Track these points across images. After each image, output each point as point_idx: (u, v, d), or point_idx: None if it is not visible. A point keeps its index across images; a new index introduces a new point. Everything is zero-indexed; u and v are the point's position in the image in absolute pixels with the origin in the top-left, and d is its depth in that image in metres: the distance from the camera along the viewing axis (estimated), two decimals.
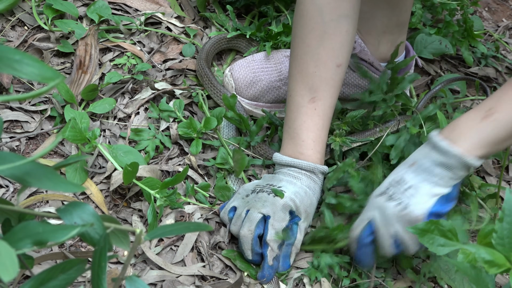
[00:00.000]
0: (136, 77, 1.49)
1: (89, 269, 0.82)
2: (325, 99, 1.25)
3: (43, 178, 0.74)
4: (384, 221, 1.16)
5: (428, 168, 1.14)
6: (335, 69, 1.23)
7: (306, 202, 1.24)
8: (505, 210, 0.81)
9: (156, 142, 1.39)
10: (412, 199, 1.14)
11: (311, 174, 1.26)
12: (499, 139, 1.11)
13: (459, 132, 1.12)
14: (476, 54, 1.77)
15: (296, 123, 1.27)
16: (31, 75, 0.63)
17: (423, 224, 1.02)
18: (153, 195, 1.25)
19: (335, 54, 1.22)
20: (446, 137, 1.13)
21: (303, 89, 1.25)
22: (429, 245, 1.01)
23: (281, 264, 1.22)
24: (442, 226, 1.00)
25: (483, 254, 0.81)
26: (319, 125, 1.26)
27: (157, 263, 1.21)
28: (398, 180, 1.17)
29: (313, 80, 1.24)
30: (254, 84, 1.47)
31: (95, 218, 0.81)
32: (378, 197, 1.18)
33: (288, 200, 1.22)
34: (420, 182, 1.14)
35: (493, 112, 1.10)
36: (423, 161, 1.15)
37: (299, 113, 1.26)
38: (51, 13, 1.54)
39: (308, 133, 1.25)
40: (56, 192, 1.28)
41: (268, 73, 1.48)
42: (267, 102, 1.49)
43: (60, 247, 1.20)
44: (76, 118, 1.32)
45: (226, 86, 1.49)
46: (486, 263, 0.80)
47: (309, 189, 1.26)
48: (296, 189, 1.24)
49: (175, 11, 1.69)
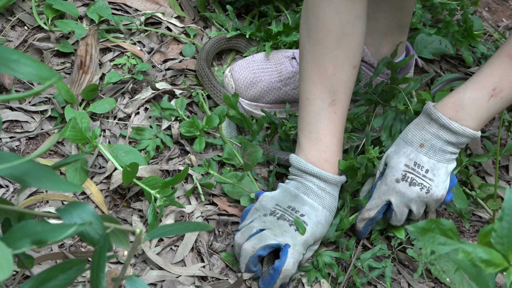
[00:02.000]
0: (136, 77, 1.49)
1: (89, 269, 0.82)
2: (343, 101, 1.23)
3: (42, 178, 0.74)
4: (403, 203, 1.24)
5: (441, 148, 1.22)
6: (352, 70, 1.22)
7: (325, 229, 1.23)
8: (505, 209, 0.81)
9: (157, 142, 1.39)
10: (433, 182, 1.22)
11: (334, 187, 1.24)
12: (499, 112, 1.23)
13: (468, 113, 1.19)
14: (476, 54, 1.77)
15: (318, 127, 1.23)
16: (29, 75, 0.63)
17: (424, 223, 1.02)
18: (153, 195, 1.25)
19: (352, 55, 1.21)
20: (453, 117, 1.20)
21: (323, 91, 1.22)
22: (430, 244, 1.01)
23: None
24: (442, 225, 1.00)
25: (481, 253, 0.81)
26: (340, 129, 1.24)
27: (157, 263, 1.21)
28: (413, 165, 1.23)
29: (333, 82, 1.21)
30: (254, 85, 1.47)
31: (95, 218, 0.81)
32: (397, 183, 1.23)
33: (309, 236, 1.20)
34: (436, 163, 1.22)
35: (499, 91, 1.17)
36: (434, 141, 1.22)
37: (320, 116, 1.22)
38: (51, 13, 1.54)
39: (332, 139, 1.23)
40: (56, 192, 1.28)
41: (268, 74, 1.48)
42: (267, 102, 1.49)
43: (60, 247, 1.20)
44: (76, 118, 1.32)
45: (226, 86, 1.49)
46: (483, 262, 0.80)
47: (330, 211, 1.24)
48: (318, 218, 1.21)
49: (175, 11, 1.69)
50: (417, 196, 1.23)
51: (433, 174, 1.22)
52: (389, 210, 1.27)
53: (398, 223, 1.28)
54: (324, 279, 1.24)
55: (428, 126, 1.23)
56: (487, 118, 1.20)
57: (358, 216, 1.28)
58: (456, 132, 1.20)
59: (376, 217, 1.27)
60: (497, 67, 1.18)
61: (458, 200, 1.33)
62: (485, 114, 1.19)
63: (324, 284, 1.23)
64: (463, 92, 1.20)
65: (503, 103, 1.19)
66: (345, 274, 1.25)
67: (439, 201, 1.24)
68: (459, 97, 1.20)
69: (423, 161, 1.22)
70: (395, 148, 1.27)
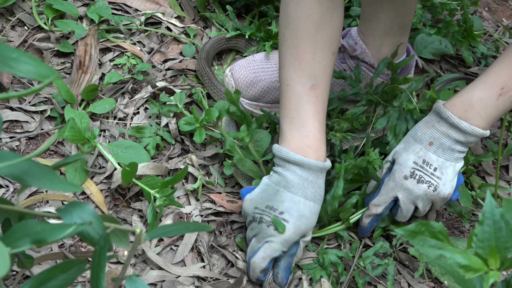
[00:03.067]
0: (136, 77, 1.49)
1: (89, 269, 0.82)
2: (324, 86, 1.23)
3: (41, 178, 0.74)
4: (410, 200, 1.25)
5: (450, 147, 1.23)
6: (331, 56, 1.23)
7: (310, 221, 1.21)
8: (485, 213, 0.80)
9: (157, 140, 1.39)
10: (441, 180, 1.23)
11: (319, 174, 1.22)
12: (507, 111, 1.23)
13: (477, 112, 1.20)
14: (476, 54, 1.77)
15: (300, 113, 1.22)
16: (28, 73, 0.63)
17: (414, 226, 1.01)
18: (152, 195, 1.25)
19: (331, 41, 1.22)
20: (462, 116, 1.21)
21: (303, 76, 1.22)
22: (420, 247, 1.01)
23: (283, 276, 1.21)
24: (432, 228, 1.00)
25: (459, 258, 0.80)
26: (322, 114, 1.23)
27: (157, 263, 1.21)
28: (422, 162, 1.24)
29: (312, 67, 1.21)
30: (255, 85, 1.47)
31: (95, 218, 0.81)
32: (405, 180, 1.24)
33: (291, 234, 1.19)
34: (444, 162, 1.23)
35: (507, 90, 1.18)
36: (443, 140, 1.23)
37: (302, 101, 1.22)
38: (51, 13, 1.54)
39: (314, 123, 1.22)
40: (56, 192, 1.28)
41: (269, 73, 1.48)
42: (267, 102, 1.49)
43: (60, 247, 1.20)
44: (75, 118, 1.32)
45: (227, 86, 1.49)
46: (462, 267, 0.79)
47: (314, 201, 1.21)
48: (300, 212, 1.19)
49: (175, 11, 1.69)
50: (424, 193, 1.24)
51: (441, 173, 1.23)
52: (395, 206, 1.28)
53: (403, 219, 1.29)
54: (325, 279, 1.24)
55: (437, 124, 1.24)
56: (495, 117, 1.21)
57: (364, 212, 1.29)
58: (465, 131, 1.21)
59: (383, 213, 1.28)
60: (505, 66, 1.19)
61: (463, 199, 1.33)
62: (493, 113, 1.20)
63: (325, 284, 1.23)
64: (472, 91, 1.21)
65: (511, 102, 1.20)
66: (347, 274, 1.25)
67: (446, 200, 1.25)
68: (468, 97, 1.21)
69: (432, 159, 1.23)
70: (404, 145, 1.27)
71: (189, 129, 1.37)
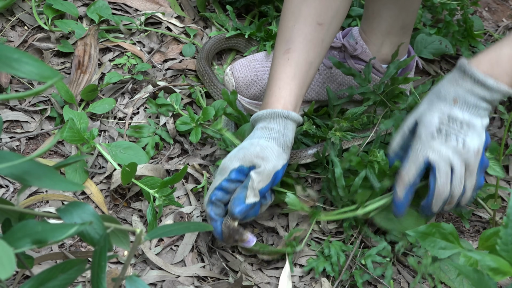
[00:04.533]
0: (136, 77, 1.49)
1: (89, 269, 0.82)
2: (300, 51, 1.23)
3: (42, 177, 0.74)
4: (443, 160, 1.18)
5: (475, 104, 1.18)
6: (316, 26, 1.23)
7: (253, 151, 1.19)
8: (509, 215, 0.80)
9: (156, 139, 1.39)
10: (469, 135, 1.19)
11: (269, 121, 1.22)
12: None
13: (504, 69, 1.17)
14: (476, 54, 1.77)
15: (270, 77, 1.25)
16: (30, 74, 0.63)
17: (425, 228, 1.01)
18: (152, 195, 1.25)
19: (318, 12, 1.22)
20: (489, 73, 1.17)
21: (280, 43, 1.25)
22: (431, 248, 1.01)
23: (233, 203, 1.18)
24: (443, 229, 1.00)
25: (488, 261, 0.80)
26: (290, 74, 1.23)
27: (157, 263, 1.21)
28: (448, 119, 1.20)
29: (291, 34, 1.23)
30: (255, 84, 1.47)
31: (95, 218, 0.81)
32: (433, 139, 1.19)
33: (226, 160, 1.20)
34: (471, 117, 1.19)
35: None
36: (467, 96, 1.19)
37: (273, 65, 1.25)
38: (51, 13, 1.54)
39: (276, 82, 1.23)
40: (56, 192, 1.28)
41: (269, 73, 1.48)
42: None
43: (60, 247, 1.20)
44: (74, 118, 1.32)
45: (227, 85, 1.49)
46: (491, 270, 0.79)
47: (260, 137, 1.21)
48: (242, 145, 1.22)
49: (175, 11, 1.69)
50: (454, 150, 1.19)
51: (468, 127, 1.20)
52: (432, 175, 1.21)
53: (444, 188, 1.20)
54: (325, 278, 1.24)
55: (462, 81, 1.20)
56: None
57: (397, 183, 1.23)
58: (491, 88, 1.17)
59: (416, 181, 1.21)
60: None
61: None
62: None
63: (325, 284, 1.23)
64: (499, 49, 1.19)
65: None
66: (348, 272, 1.25)
67: (478, 155, 1.19)
68: (495, 54, 1.19)
69: (458, 115, 1.20)
70: (427, 105, 1.23)
71: (185, 129, 1.38)
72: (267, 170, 1.18)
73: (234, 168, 1.18)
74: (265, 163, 1.18)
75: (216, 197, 1.19)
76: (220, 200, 1.19)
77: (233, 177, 1.18)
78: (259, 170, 1.18)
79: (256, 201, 1.18)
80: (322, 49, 1.26)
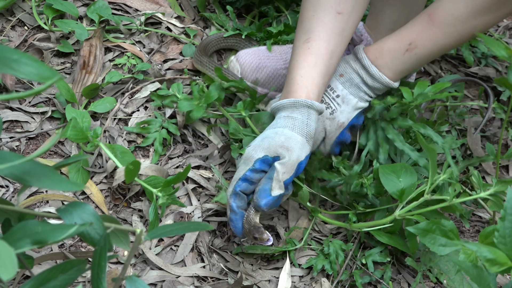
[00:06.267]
0: (137, 77, 1.49)
1: (89, 269, 0.82)
2: (320, 39, 1.24)
3: (42, 177, 0.74)
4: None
5: (357, 85, 1.29)
6: (335, 15, 1.24)
7: (278, 141, 1.19)
8: (507, 208, 0.81)
9: (163, 134, 1.39)
10: (340, 107, 1.29)
11: (292, 110, 1.22)
12: (414, 69, 1.29)
13: (385, 62, 1.26)
14: (476, 54, 1.77)
15: (290, 66, 1.26)
16: (30, 74, 0.63)
17: (425, 224, 1.01)
18: (155, 194, 1.24)
19: (337, 1, 1.24)
20: (373, 62, 1.27)
21: (300, 33, 1.26)
22: (431, 245, 1.01)
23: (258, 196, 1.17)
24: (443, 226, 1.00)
25: (485, 252, 0.81)
26: (311, 62, 1.24)
27: (157, 264, 1.21)
28: (328, 88, 1.30)
29: (310, 23, 1.25)
30: (260, 70, 1.47)
31: (95, 218, 0.81)
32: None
33: (250, 150, 1.20)
34: (348, 94, 1.29)
35: (414, 47, 1.23)
36: (352, 76, 1.29)
37: (294, 54, 1.26)
38: (51, 13, 1.54)
39: (297, 70, 1.24)
40: (56, 192, 1.28)
41: (274, 61, 1.48)
42: (272, 90, 1.49)
43: (60, 247, 1.20)
44: (77, 117, 1.32)
45: (232, 70, 1.49)
46: (487, 261, 0.80)
47: (284, 127, 1.21)
48: (265, 135, 1.21)
49: (175, 11, 1.69)
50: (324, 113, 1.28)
51: (342, 101, 1.29)
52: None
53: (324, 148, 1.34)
54: (325, 279, 1.24)
55: (352, 62, 1.29)
56: (402, 71, 1.26)
57: None
58: (373, 75, 1.27)
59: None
60: (417, 24, 1.23)
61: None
62: (400, 66, 1.25)
63: (325, 284, 1.23)
64: (385, 41, 1.27)
65: (417, 59, 1.24)
66: (348, 272, 1.25)
67: (339, 129, 1.30)
68: (381, 45, 1.27)
69: (338, 87, 1.29)
70: None
71: (189, 108, 1.35)
72: (292, 161, 1.18)
73: (258, 158, 1.18)
74: (289, 153, 1.18)
75: (241, 188, 1.18)
76: (243, 191, 1.18)
77: (257, 167, 1.18)
78: (284, 161, 1.18)
79: (282, 193, 1.17)
80: (343, 38, 1.26)
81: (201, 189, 1.36)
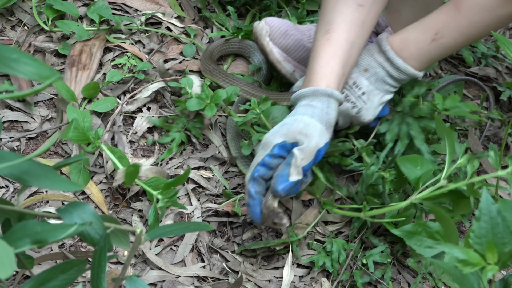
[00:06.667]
0: (138, 76, 1.49)
1: (89, 269, 0.82)
2: (339, 30, 1.25)
3: (42, 177, 0.74)
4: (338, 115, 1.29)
5: (382, 78, 1.29)
6: (356, 7, 1.25)
7: (297, 127, 1.18)
8: (482, 209, 0.81)
9: (182, 137, 1.40)
10: (366, 105, 1.30)
11: (312, 99, 1.22)
12: (439, 58, 1.30)
13: (410, 53, 1.26)
14: (476, 54, 1.77)
15: (311, 57, 1.27)
16: (29, 73, 0.63)
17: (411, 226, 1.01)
18: (155, 196, 1.24)
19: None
20: (398, 53, 1.27)
21: (320, 25, 1.27)
22: (417, 247, 1.00)
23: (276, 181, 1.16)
24: (429, 228, 1.00)
25: (457, 253, 0.81)
26: (330, 52, 1.24)
27: (157, 264, 1.21)
28: (352, 84, 1.29)
29: (331, 15, 1.26)
30: (287, 36, 1.49)
31: (95, 218, 0.81)
32: None
33: (268, 136, 1.20)
34: (374, 90, 1.29)
35: (440, 37, 1.23)
36: (377, 70, 1.29)
37: (314, 46, 1.27)
38: (52, 13, 1.53)
39: (317, 60, 1.25)
40: (56, 192, 1.28)
41: (300, 33, 1.50)
42: (295, 59, 1.49)
43: (60, 247, 1.20)
44: (78, 117, 1.31)
45: (260, 31, 1.49)
46: (460, 262, 0.80)
47: (303, 114, 1.21)
48: (284, 122, 1.21)
49: (175, 11, 1.69)
50: (346, 111, 1.30)
51: (368, 98, 1.29)
52: None
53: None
54: (325, 279, 1.24)
55: (376, 55, 1.29)
56: (428, 61, 1.27)
57: None
58: (398, 68, 1.27)
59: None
60: (443, 13, 1.24)
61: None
62: (426, 56, 1.26)
63: (325, 283, 1.23)
64: (410, 30, 1.27)
65: (443, 49, 1.25)
66: (348, 272, 1.25)
67: (364, 124, 1.33)
68: (406, 35, 1.27)
69: (363, 83, 1.29)
70: None
71: (199, 107, 1.34)
72: (310, 147, 1.18)
73: (277, 143, 1.18)
74: (308, 140, 1.18)
75: (259, 173, 1.17)
76: (262, 176, 1.17)
77: (275, 152, 1.17)
78: (302, 147, 1.17)
79: (300, 178, 1.16)
80: (363, 30, 1.27)
81: (201, 189, 1.36)
